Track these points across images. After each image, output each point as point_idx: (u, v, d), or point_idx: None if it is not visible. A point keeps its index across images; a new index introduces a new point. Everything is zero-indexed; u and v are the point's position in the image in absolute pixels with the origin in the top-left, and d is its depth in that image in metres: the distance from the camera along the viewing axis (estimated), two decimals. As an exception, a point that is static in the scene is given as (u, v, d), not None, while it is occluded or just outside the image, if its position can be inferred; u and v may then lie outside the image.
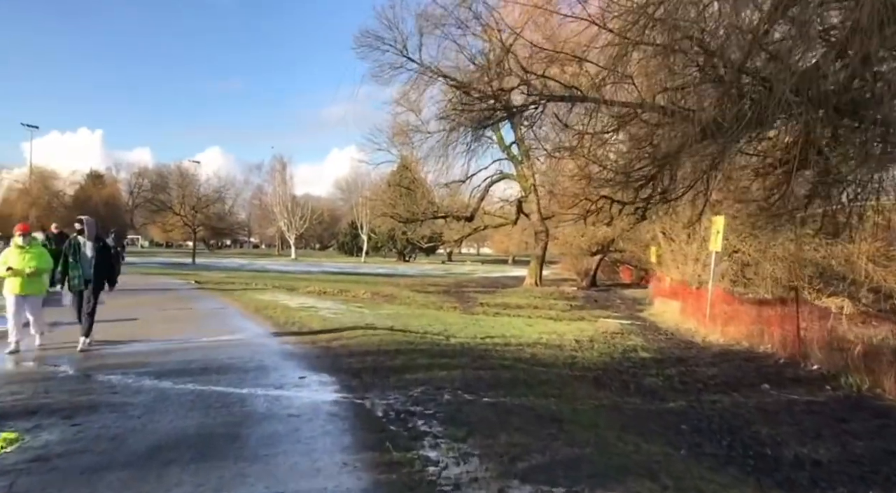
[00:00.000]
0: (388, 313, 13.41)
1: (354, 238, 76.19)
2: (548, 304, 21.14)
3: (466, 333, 10.84)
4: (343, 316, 11.69)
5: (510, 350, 9.28)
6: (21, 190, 56.98)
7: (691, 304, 15.06)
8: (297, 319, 10.87)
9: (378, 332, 9.62)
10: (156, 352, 7.36)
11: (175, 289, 16.52)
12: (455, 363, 7.42)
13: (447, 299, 21.64)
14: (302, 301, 14.40)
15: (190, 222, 38.91)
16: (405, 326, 10.96)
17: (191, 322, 10.13)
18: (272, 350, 7.81)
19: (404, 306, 17.71)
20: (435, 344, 8.93)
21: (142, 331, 8.93)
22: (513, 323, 13.35)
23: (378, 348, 8.13)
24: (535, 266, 29.76)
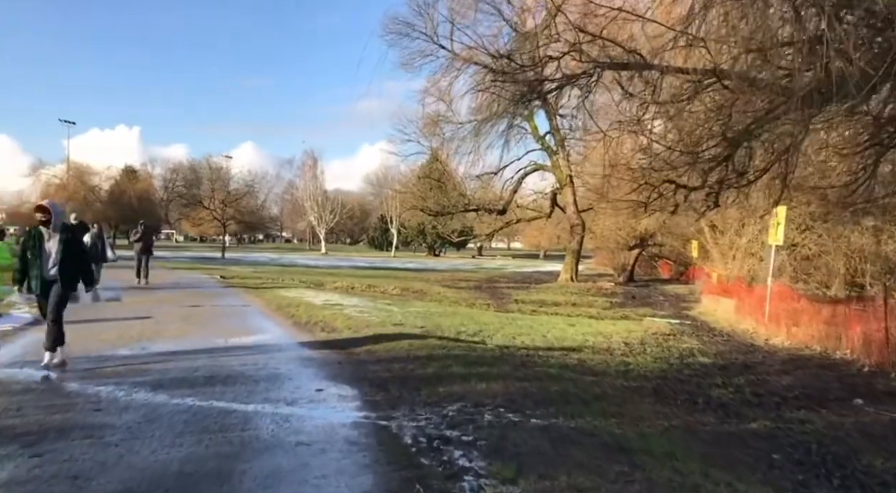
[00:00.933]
0: (418, 311, 12.53)
1: (384, 232, 75.74)
2: (586, 301, 20.00)
3: (504, 334, 9.88)
4: (370, 315, 10.85)
5: (554, 356, 8.29)
6: (58, 185, 57.95)
7: (748, 302, 13.79)
8: (321, 318, 10.06)
9: (407, 333, 8.73)
10: (160, 356, 6.60)
11: (198, 285, 15.95)
12: (495, 373, 6.47)
13: (479, 295, 20.69)
14: (327, 298, 13.64)
15: (219, 217, 38.74)
16: (437, 326, 10.06)
17: (207, 322, 9.41)
18: (289, 355, 6.99)
19: (435, 303, 16.83)
20: (470, 348, 7.99)
21: (152, 331, 8.22)
22: (553, 323, 12.32)
23: (407, 352, 7.24)
24: (570, 261, 28.57)
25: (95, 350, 6.78)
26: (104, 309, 10.55)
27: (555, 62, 7.58)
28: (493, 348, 8.27)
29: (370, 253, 71.41)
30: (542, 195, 31.97)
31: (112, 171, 66.91)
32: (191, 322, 9.23)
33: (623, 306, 19.19)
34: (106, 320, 9.19)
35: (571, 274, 28.13)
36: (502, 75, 8.49)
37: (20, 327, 8.28)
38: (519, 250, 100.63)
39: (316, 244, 79.50)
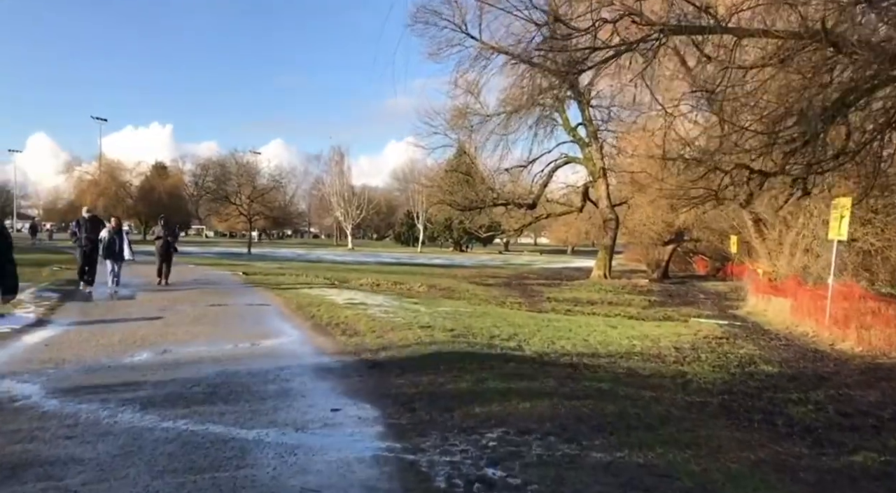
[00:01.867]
0: (447, 311, 11.70)
1: (410, 228, 75.15)
2: (623, 299, 18.94)
3: (542, 338, 8.97)
4: (395, 315, 10.05)
5: (602, 364, 7.37)
6: (90, 181, 58.76)
7: (805, 302, 12.60)
8: (343, 319, 9.30)
9: (436, 337, 7.90)
10: (161, 365, 5.89)
11: (218, 282, 15.39)
12: (538, 388, 5.60)
13: (510, 293, 19.78)
14: (351, 297, 12.90)
15: (245, 212, 38.51)
16: (467, 328, 9.21)
17: (220, 323, 8.72)
18: (304, 364, 6.22)
19: (464, 301, 15.99)
20: (507, 356, 7.12)
21: (158, 335, 7.54)
22: (592, 325, 11.37)
23: (436, 361, 6.41)
24: (603, 257, 27.44)
25: (91, 358, 6.11)
26: (116, 308, 9.99)
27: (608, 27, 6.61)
28: (532, 356, 7.38)
29: (396, 249, 70.86)
30: (574, 189, 30.83)
31: (142, 167, 67.73)
32: (202, 324, 8.55)
33: (663, 304, 18.08)
34: (113, 320, 8.58)
35: (604, 271, 27.01)
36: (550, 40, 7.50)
37: (20, 328, 7.69)
38: (545, 246, 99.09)
39: (343, 240, 79.33)
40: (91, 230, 12.20)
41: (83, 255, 12.22)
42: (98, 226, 12.17)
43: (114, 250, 11.99)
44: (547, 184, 28.66)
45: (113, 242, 12.07)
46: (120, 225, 12.80)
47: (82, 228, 12.37)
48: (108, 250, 11.84)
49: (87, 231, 12.18)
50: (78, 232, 12.36)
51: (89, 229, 12.17)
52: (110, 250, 11.91)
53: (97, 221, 12.61)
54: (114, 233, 12.28)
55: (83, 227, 12.37)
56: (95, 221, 12.63)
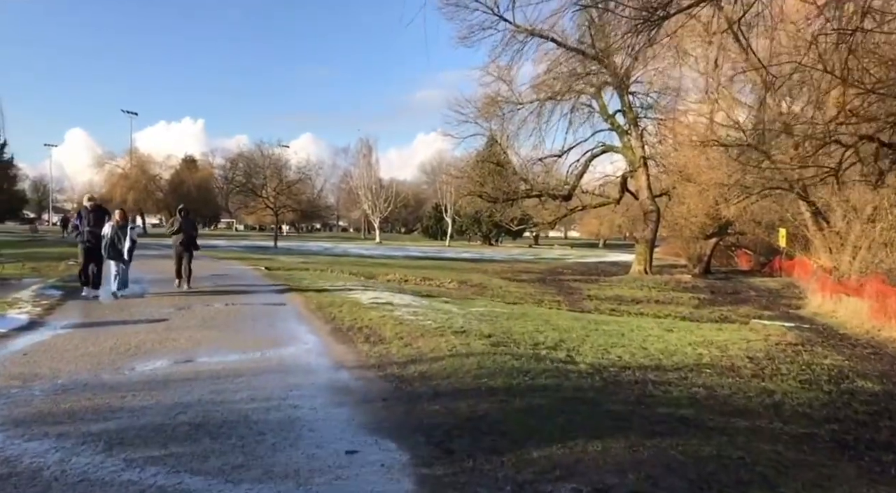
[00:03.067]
0: (482, 311, 10.60)
1: (438, 221, 74.18)
2: (670, 297, 17.57)
3: (593, 346, 7.81)
4: (425, 317, 8.98)
5: (671, 381, 6.17)
6: (121, 175, 59.13)
7: (890, 303, 11.11)
8: (367, 322, 8.27)
9: (473, 346, 6.80)
10: (147, 383, 4.92)
11: (237, 277, 14.55)
12: (606, 418, 4.47)
13: (546, 290, 18.58)
14: (377, 295, 11.88)
15: (272, 205, 37.94)
16: (508, 333, 8.09)
17: (228, 327, 7.76)
18: (318, 382, 5.19)
19: (498, 299, 14.87)
20: (558, 371, 5.98)
21: (154, 342, 6.60)
22: (645, 328, 10.15)
23: (475, 379, 5.31)
24: (643, 251, 25.96)
25: (68, 373, 5.17)
26: (119, 308, 9.14)
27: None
28: (587, 370, 6.22)
29: (424, 242, 70.00)
30: (612, 179, 29.32)
31: (172, 160, 68.05)
32: (209, 327, 7.60)
33: (714, 303, 16.67)
34: (112, 323, 7.71)
35: (645, 266, 25.55)
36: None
37: (4, 332, 6.83)
38: (576, 240, 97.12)
39: (370, 233, 78.81)
40: (95, 223, 10.39)
41: (86, 252, 10.45)
42: (103, 218, 10.47)
43: (118, 249, 10.18)
44: (583, 174, 27.27)
45: (116, 239, 10.21)
46: (126, 218, 10.76)
47: (84, 220, 10.56)
48: (110, 248, 10.11)
49: (91, 224, 10.43)
50: (79, 225, 10.61)
51: (93, 222, 10.43)
52: (114, 249, 10.15)
53: (102, 212, 10.82)
54: (117, 228, 10.31)
55: (85, 219, 10.56)
56: (100, 211, 10.81)
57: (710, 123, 29.88)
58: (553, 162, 27.91)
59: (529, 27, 25.81)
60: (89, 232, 10.38)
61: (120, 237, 10.20)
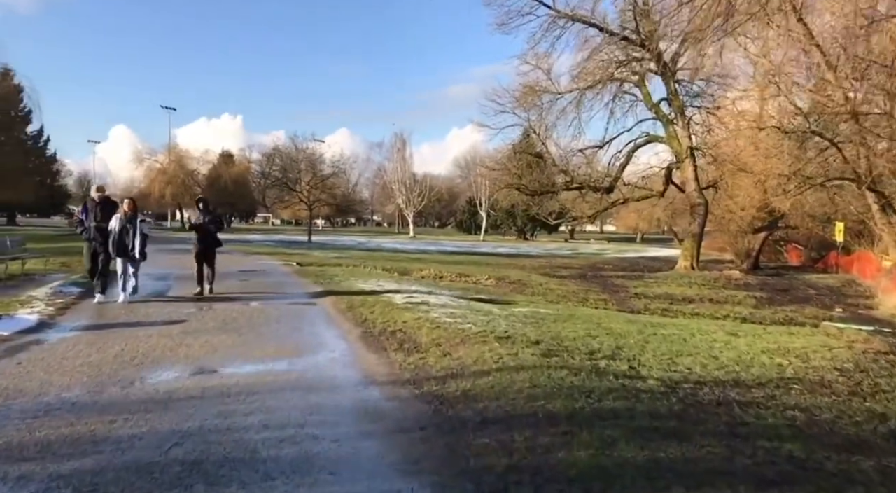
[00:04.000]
0: (525, 312, 9.71)
1: (473, 215, 73.35)
2: (723, 295, 16.33)
3: (657, 355, 6.85)
4: (464, 320, 8.15)
5: (759, 400, 5.19)
6: (159, 170, 60.00)
7: None
8: (400, 325, 7.49)
9: (521, 357, 5.93)
10: (144, 403, 4.21)
11: (267, 274, 13.96)
12: (701, 458, 3.55)
13: (589, 287, 17.54)
14: (412, 293, 11.11)
15: (305, 199, 37.64)
16: (558, 339, 7.20)
17: (251, 330, 7.07)
18: (343, 404, 4.40)
19: (539, 297, 13.94)
20: (626, 390, 5.06)
21: (168, 348, 5.94)
22: (708, 332, 9.10)
23: (529, 402, 4.45)
24: (690, 246, 24.60)
25: (60, 387, 4.51)
26: (138, 307, 8.57)
27: None
28: (659, 388, 5.28)
29: (458, 237, 69.21)
30: (657, 170, 27.91)
31: (210, 155, 68.83)
32: (228, 331, 6.92)
33: (773, 302, 15.39)
34: (125, 325, 7.11)
35: (692, 261, 24.20)
36: None
37: (8, 335, 6.26)
38: (613, 234, 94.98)
39: (404, 228, 78.41)
40: (103, 217, 9.06)
41: (91, 251, 9.26)
42: (113, 212, 9.01)
43: (125, 245, 8.71)
44: (626, 165, 26.01)
45: (124, 233, 8.71)
46: (135, 209, 9.06)
47: (91, 214, 9.20)
48: (117, 244, 8.66)
49: (98, 218, 9.12)
50: (85, 219, 9.27)
51: (100, 216, 9.11)
52: (121, 245, 8.68)
53: (112, 206, 9.32)
54: (126, 221, 8.77)
55: (92, 213, 9.19)
56: (109, 205, 9.34)
57: (761, 110, 28.16)
58: (593, 153, 26.74)
59: (570, 12, 24.68)
60: (96, 228, 9.13)
61: (128, 231, 8.75)
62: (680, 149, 24.80)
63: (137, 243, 8.78)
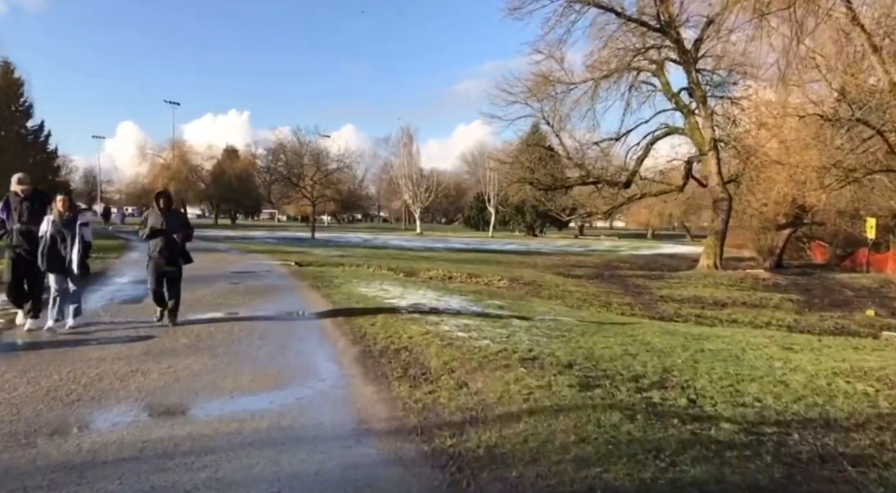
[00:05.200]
0: (548, 321, 8.54)
1: (481, 211, 72.10)
2: (756, 298, 15.07)
3: (713, 379, 5.66)
4: (480, 334, 6.99)
5: (869, 453, 3.98)
6: (162, 165, 59.13)
7: None
8: (405, 342, 6.34)
9: (554, 387, 4.76)
10: (49, 473, 3.07)
11: (260, 276, 12.83)
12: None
13: (609, 289, 16.32)
14: (419, 298, 9.96)
15: (309, 195, 36.55)
16: (592, 359, 6.03)
17: (227, 350, 5.93)
18: (325, 470, 3.22)
19: (558, 301, 12.77)
20: (696, 438, 3.88)
21: (119, 377, 4.80)
22: (757, 345, 7.91)
23: (580, 469, 3.26)
24: (713, 244, 23.29)
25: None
26: (105, 315, 7.44)
27: None
28: (738, 435, 4.09)
29: (466, 233, 67.99)
30: (676, 163, 26.59)
31: (214, 150, 67.92)
32: (200, 351, 5.78)
33: (813, 306, 14.13)
34: (78, 342, 5.96)
35: (715, 260, 22.91)
36: None
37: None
38: (623, 230, 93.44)
39: (411, 224, 77.31)
40: (30, 218, 6.61)
41: (15, 260, 6.63)
42: (45, 209, 6.62)
43: (59, 257, 6.44)
44: (644, 158, 24.72)
45: (58, 241, 6.45)
46: (73, 208, 6.69)
47: (14, 212, 6.63)
48: (47, 255, 6.42)
49: (25, 218, 6.62)
50: (6, 221, 6.66)
51: (27, 216, 6.62)
52: (53, 257, 6.42)
53: (44, 201, 6.78)
54: (61, 225, 6.47)
55: (16, 211, 6.63)
56: (40, 199, 6.78)
57: (786, 100, 26.73)
58: (609, 146, 25.46)
59: (585, -4, 23.37)
60: (22, 230, 6.60)
61: (64, 237, 6.45)
62: (702, 141, 23.50)
63: (75, 254, 6.44)
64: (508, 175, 27.38)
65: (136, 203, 76.95)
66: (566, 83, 25.26)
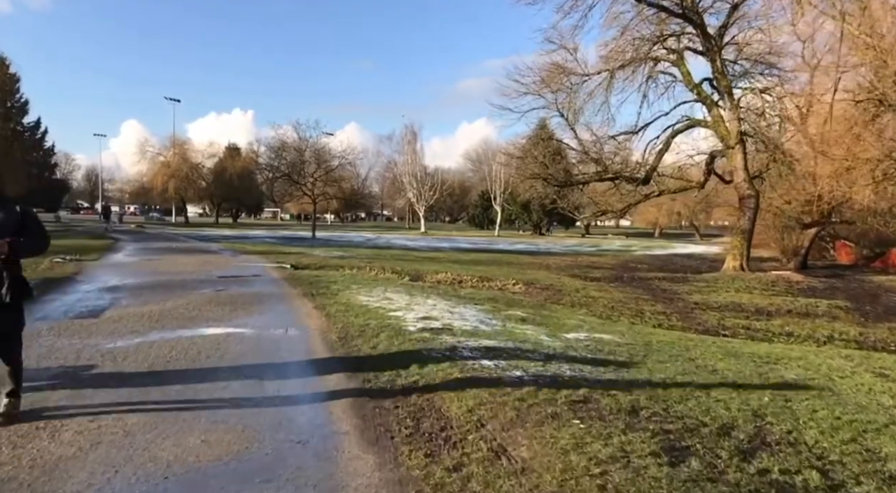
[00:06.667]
0: (582, 339, 7.10)
1: (485, 210, 70.67)
2: (800, 305, 13.56)
3: (825, 431, 4.22)
4: (510, 362, 5.56)
5: None
6: (162, 163, 57.77)
7: None
8: (416, 375, 4.91)
9: (629, 454, 3.35)
10: None
11: (249, 280, 11.40)
12: None
13: (636, 294, 14.85)
14: (428, 309, 8.52)
15: (309, 192, 35.13)
16: (659, 401, 4.60)
17: (169, 407, 4.52)
18: None
19: (584, 310, 11.32)
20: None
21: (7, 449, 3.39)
22: (840, 369, 6.48)
23: None
24: (739, 244, 21.75)
25: None
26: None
27: None
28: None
29: (471, 232, 66.52)
30: (697, 158, 25.07)
31: (215, 148, 66.54)
32: (124, 407, 4.37)
33: (867, 315, 12.61)
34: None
35: (741, 261, 21.38)
36: None
37: None
38: (629, 229, 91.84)
39: (415, 222, 75.81)
40: None
41: None
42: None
43: None
44: (664, 152, 23.20)
45: None
46: None
47: None
48: None
49: None
50: None
51: None
52: None
53: None
54: None
55: None
56: None
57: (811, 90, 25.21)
58: (627, 140, 23.95)
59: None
60: None
61: None
62: (727, 134, 21.97)
63: None
64: (520, 171, 25.84)
65: (136, 201, 75.76)
66: (580, 74, 23.78)
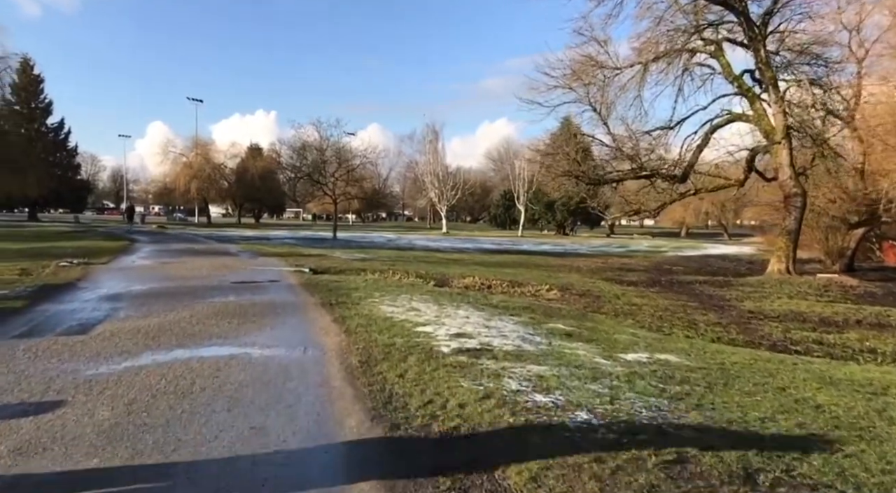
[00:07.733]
0: (644, 361, 6.03)
1: (507, 209, 69.47)
2: (872, 315, 12.22)
3: None
4: (566, 398, 4.53)
5: None
6: (184, 164, 57.70)
7: None
8: (456, 418, 3.91)
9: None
10: None
11: (265, 287, 10.50)
12: None
13: (681, 300, 13.64)
14: (461, 322, 7.51)
15: (330, 192, 34.35)
16: (772, 458, 3.52)
17: (166, 428, 3.58)
18: None
19: (630, 320, 10.21)
20: None
21: None
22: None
23: None
24: (785, 246, 20.32)
25: None
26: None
27: None
28: None
29: (493, 232, 65.36)
30: (735, 155, 23.65)
31: (236, 149, 66.43)
32: (115, 442, 3.44)
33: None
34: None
35: (787, 264, 19.97)
36: None
37: None
38: (653, 228, 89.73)
39: (436, 222, 74.89)
40: None
41: None
42: None
43: None
44: (703, 148, 21.84)
45: None
46: None
47: None
48: None
49: None
50: None
51: None
52: None
53: None
54: None
55: None
56: None
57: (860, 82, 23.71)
58: (662, 135, 22.64)
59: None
60: None
61: None
62: (770, 129, 20.57)
63: None
64: (551, 169, 24.66)
65: (159, 202, 76.05)
66: (611, 68, 22.56)
